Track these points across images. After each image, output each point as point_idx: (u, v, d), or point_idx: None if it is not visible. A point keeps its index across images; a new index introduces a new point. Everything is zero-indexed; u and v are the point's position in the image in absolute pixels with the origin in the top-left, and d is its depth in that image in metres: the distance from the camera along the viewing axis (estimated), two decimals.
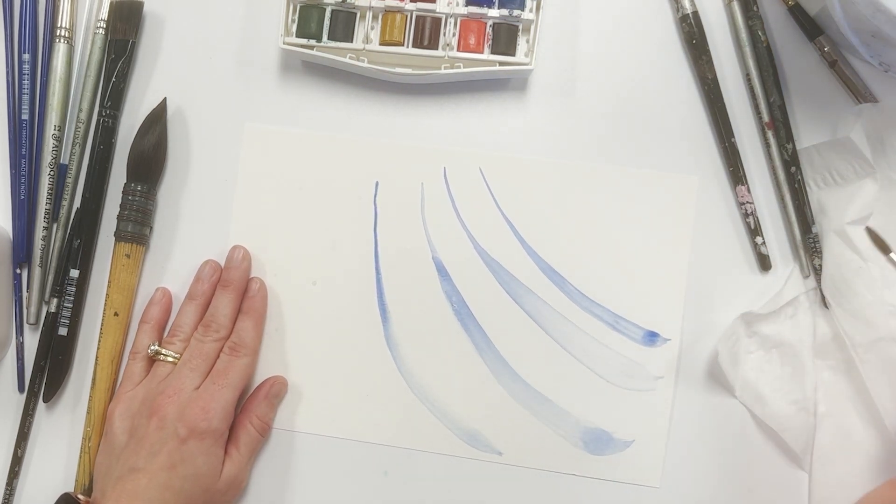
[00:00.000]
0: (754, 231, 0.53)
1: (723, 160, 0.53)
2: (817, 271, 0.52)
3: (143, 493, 0.46)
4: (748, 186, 0.53)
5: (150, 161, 0.53)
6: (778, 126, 0.53)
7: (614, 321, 0.53)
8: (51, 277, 0.54)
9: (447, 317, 0.53)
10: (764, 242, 0.53)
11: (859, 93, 0.52)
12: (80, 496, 0.50)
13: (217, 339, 0.51)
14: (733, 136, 0.53)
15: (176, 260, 0.54)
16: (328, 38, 0.52)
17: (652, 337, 0.53)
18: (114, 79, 0.53)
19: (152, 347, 0.51)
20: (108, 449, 0.50)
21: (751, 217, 0.53)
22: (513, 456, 0.53)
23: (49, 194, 0.53)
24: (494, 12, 0.51)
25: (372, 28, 0.52)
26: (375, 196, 0.54)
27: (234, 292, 0.52)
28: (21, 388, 0.54)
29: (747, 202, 0.53)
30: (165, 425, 0.48)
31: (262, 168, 0.54)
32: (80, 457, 0.53)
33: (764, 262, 0.53)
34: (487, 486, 0.53)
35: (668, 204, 0.53)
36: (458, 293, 0.53)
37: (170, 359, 0.51)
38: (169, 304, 0.54)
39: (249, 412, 0.52)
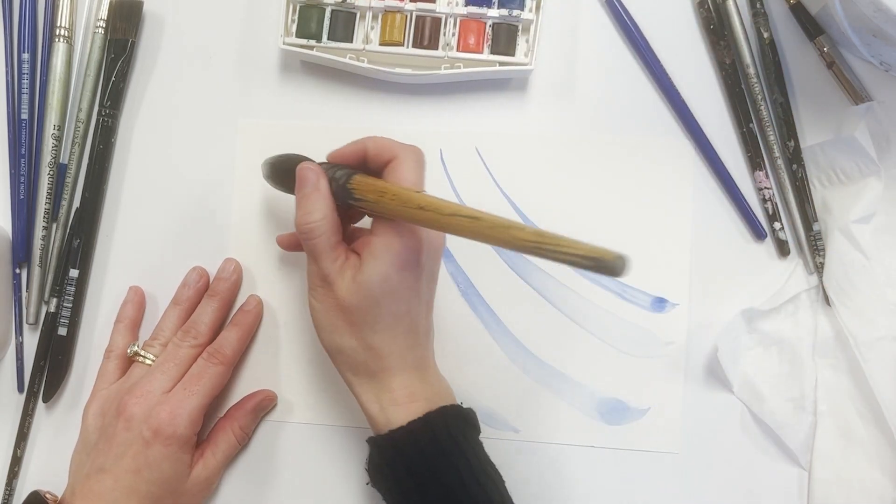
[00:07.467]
0: (772, 217, 0.52)
1: (741, 146, 0.53)
2: (819, 269, 0.52)
3: (108, 495, 0.46)
4: (766, 171, 0.53)
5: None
6: (780, 123, 0.53)
7: (621, 290, 0.53)
8: (50, 277, 0.54)
9: (454, 298, 0.53)
10: (782, 228, 0.52)
11: (856, 94, 0.52)
12: (48, 494, 0.50)
13: (194, 346, 0.51)
14: (752, 122, 0.53)
15: (174, 257, 0.54)
16: (328, 39, 0.51)
17: (660, 303, 0.53)
18: (113, 78, 0.53)
19: (132, 348, 0.51)
20: (82, 447, 0.50)
21: (769, 203, 0.53)
22: (530, 432, 0.52)
23: (48, 194, 0.53)
24: (494, 12, 0.51)
25: (372, 28, 0.52)
26: None
27: (219, 302, 0.52)
28: (21, 388, 0.54)
29: (765, 188, 0.53)
30: (132, 426, 0.48)
31: (259, 161, 0.54)
32: None
33: (783, 248, 0.52)
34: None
35: (665, 169, 0.53)
36: (463, 273, 0.53)
37: (148, 361, 0.51)
38: (142, 302, 0.54)
39: (233, 419, 0.51)
